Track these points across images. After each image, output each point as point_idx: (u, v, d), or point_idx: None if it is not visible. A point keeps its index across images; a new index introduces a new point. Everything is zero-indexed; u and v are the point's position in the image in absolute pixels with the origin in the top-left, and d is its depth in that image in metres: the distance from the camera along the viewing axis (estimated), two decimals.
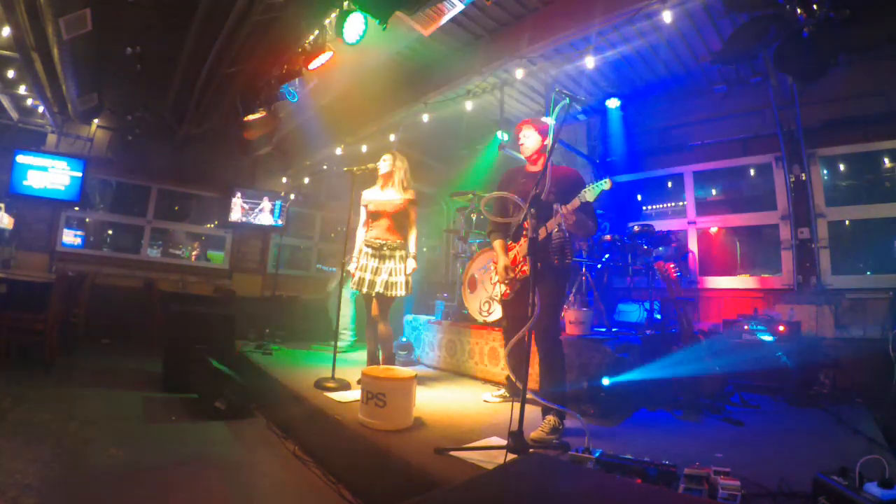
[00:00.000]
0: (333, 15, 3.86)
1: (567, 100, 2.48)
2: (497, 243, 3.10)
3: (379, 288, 3.62)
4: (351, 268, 3.81)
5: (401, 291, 3.67)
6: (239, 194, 8.22)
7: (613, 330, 4.37)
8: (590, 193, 2.58)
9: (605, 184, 2.55)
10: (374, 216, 3.82)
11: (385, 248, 3.73)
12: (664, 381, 3.48)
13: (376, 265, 3.71)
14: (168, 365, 4.47)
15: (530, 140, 3.05)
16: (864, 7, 2.50)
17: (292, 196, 8.30)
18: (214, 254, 8.89)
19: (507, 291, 3.03)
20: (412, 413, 2.78)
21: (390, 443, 2.44)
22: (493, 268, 3.20)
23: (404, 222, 3.80)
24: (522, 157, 3.16)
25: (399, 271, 3.70)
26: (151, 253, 8.03)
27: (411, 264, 3.74)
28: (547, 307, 2.72)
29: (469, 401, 3.53)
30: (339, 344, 5.11)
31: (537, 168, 3.06)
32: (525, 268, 2.91)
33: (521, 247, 2.95)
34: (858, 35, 2.57)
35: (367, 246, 3.78)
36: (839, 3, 2.51)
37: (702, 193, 6.06)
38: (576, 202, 2.62)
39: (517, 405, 2.16)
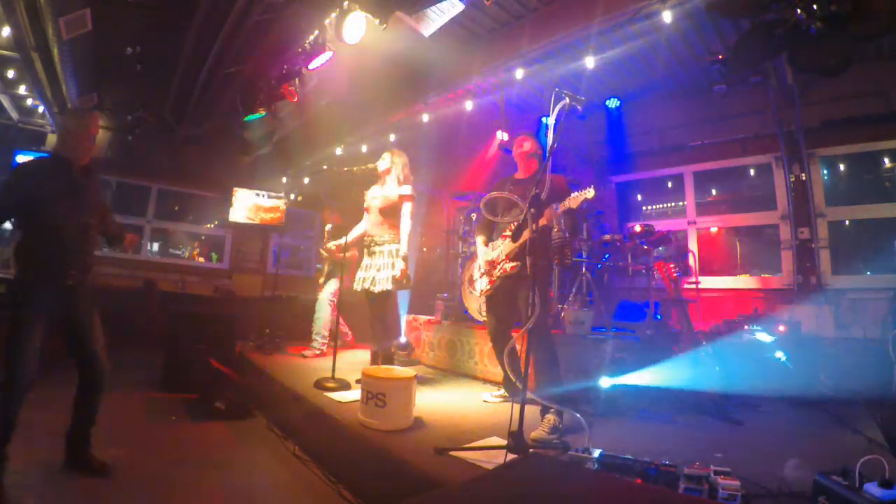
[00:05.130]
0: (333, 15, 3.85)
1: (567, 99, 2.49)
2: (479, 239, 3.28)
3: (367, 285, 3.62)
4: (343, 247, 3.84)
5: (386, 286, 3.55)
6: (239, 193, 8.24)
7: (613, 330, 4.37)
8: (574, 200, 2.63)
9: (589, 193, 2.61)
10: (366, 211, 3.84)
11: (373, 245, 3.71)
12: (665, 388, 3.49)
13: (368, 262, 3.72)
14: (168, 365, 4.47)
15: (523, 147, 3.19)
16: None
17: (292, 196, 8.31)
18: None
19: (489, 287, 3.10)
20: (412, 413, 2.77)
21: (390, 443, 2.44)
22: (475, 267, 3.29)
23: (395, 218, 3.70)
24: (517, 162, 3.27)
25: (385, 266, 3.61)
26: (151, 253, 8.04)
27: (399, 265, 3.56)
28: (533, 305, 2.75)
29: (469, 401, 3.53)
30: (306, 353, 5.11)
31: (525, 175, 3.20)
32: (506, 266, 2.97)
33: (505, 246, 3.01)
34: (863, 26, 2.56)
35: (364, 245, 3.81)
36: None
37: (702, 193, 6.06)
38: (561, 207, 2.67)
39: (517, 405, 2.16)
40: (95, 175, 2.64)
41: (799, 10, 2.66)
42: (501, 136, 6.08)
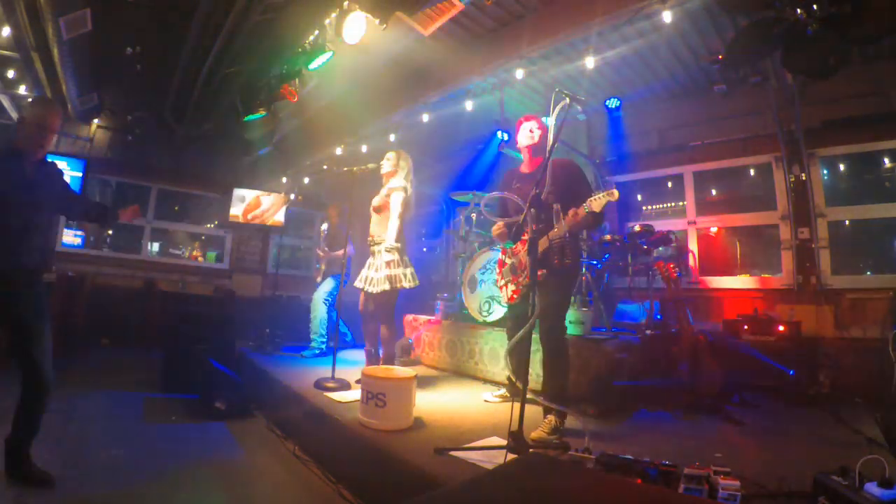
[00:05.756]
0: (333, 15, 3.85)
1: (567, 100, 2.48)
2: (496, 222, 3.11)
3: (366, 285, 3.64)
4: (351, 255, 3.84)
5: (383, 287, 3.52)
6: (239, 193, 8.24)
7: (613, 330, 4.37)
8: (596, 203, 2.49)
9: (612, 195, 2.44)
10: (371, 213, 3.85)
11: (372, 244, 3.74)
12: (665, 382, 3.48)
13: (370, 261, 3.74)
14: (168, 365, 4.47)
15: (531, 135, 3.06)
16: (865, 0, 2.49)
17: (292, 196, 8.30)
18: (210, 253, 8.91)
19: (514, 296, 3.02)
20: (412, 413, 2.78)
21: (390, 443, 2.44)
22: (497, 269, 3.21)
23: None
24: (519, 154, 3.19)
25: (380, 267, 3.59)
26: (151, 253, 8.04)
27: (385, 257, 3.51)
28: (550, 307, 2.71)
29: (469, 401, 3.53)
30: (305, 352, 5.10)
31: (529, 169, 3.10)
32: (529, 272, 2.90)
33: (524, 252, 2.95)
34: (862, 28, 2.56)
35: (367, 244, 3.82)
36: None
37: (702, 193, 6.06)
38: (581, 211, 2.55)
39: (517, 405, 2.16)
40: (52, 167, 2.48)
41: (799, 10, 2.66)
42: (501, 136, 6.07)
